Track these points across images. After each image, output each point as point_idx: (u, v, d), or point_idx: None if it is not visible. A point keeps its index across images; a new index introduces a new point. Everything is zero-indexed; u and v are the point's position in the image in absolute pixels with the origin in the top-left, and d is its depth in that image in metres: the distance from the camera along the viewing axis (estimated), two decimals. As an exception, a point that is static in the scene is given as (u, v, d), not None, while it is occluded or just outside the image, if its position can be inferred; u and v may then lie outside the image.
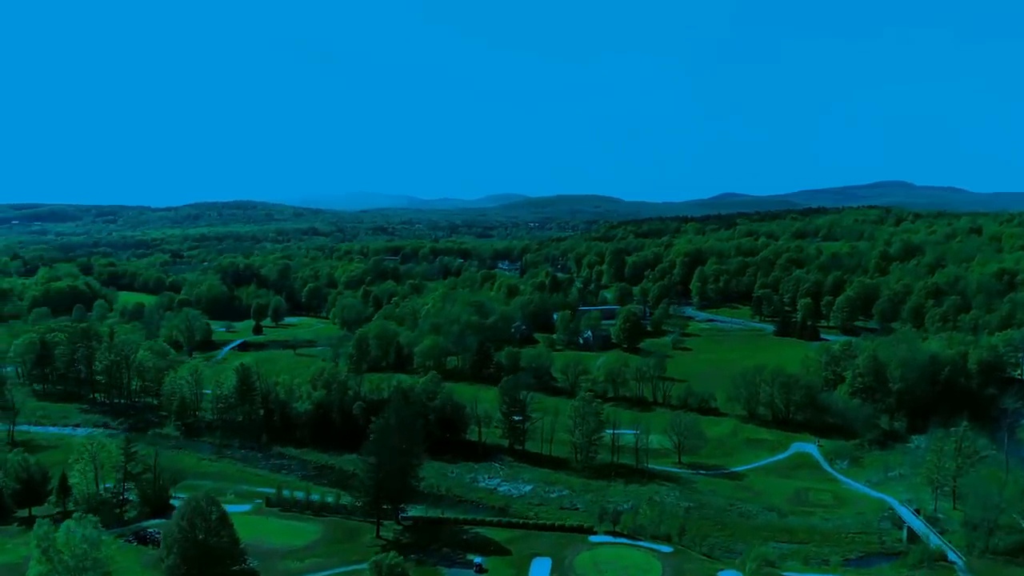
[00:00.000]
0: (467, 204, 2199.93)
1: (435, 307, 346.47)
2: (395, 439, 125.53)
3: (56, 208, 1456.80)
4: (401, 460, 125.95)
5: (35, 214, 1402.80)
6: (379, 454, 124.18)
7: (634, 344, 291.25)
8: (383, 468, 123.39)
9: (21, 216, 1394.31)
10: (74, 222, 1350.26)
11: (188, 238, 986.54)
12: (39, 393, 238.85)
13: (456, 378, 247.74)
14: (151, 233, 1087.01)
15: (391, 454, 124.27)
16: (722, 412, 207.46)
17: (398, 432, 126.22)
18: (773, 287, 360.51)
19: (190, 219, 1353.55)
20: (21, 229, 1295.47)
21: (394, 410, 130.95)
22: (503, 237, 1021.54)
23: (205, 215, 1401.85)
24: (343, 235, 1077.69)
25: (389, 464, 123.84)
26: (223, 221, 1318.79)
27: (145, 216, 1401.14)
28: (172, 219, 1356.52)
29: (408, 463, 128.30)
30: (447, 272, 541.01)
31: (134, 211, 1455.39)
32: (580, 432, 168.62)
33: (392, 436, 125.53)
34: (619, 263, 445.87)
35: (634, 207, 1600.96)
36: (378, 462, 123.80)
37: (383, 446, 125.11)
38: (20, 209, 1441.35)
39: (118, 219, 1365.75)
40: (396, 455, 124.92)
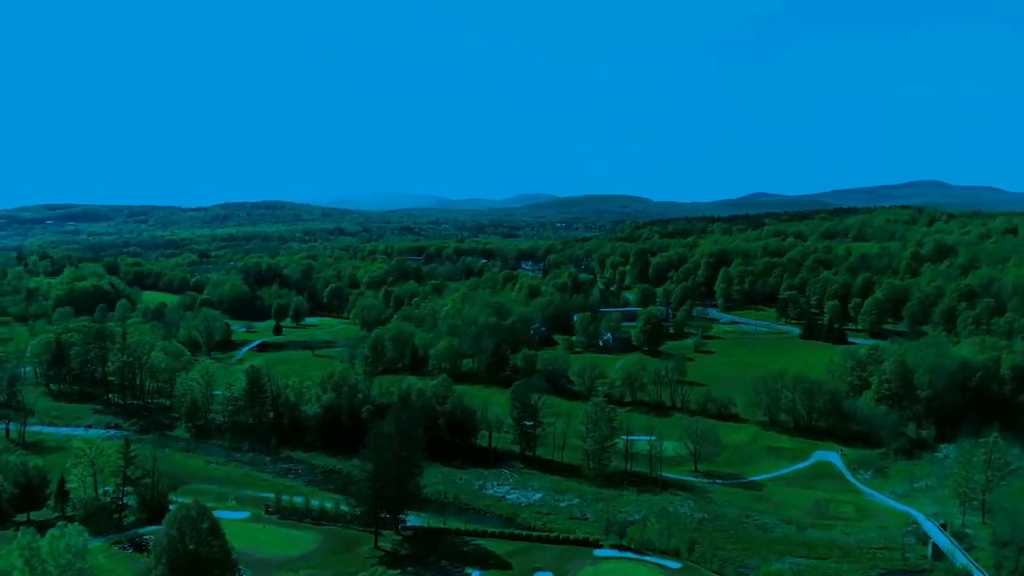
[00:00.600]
0: (495, 204, 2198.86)
1: (454, 308, 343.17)
2: (394, 446, 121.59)
3: (89, 208, 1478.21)
4: (400, 468, 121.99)
5: (68, 214, 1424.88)
6: (377, 462, 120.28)
7: (655, 347, 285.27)
8: (381, 477, 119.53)
9: (55, 216, 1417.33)
10: (106, 222, 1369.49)
11: (216, 238, 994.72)
12: (55, 393, 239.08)
13: (472, 381, 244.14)
14: (180, 233, 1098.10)
15: (389, 462, 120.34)
16: (742, 418, 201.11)
17: (397, 439, 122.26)
18: (800, 289, 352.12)
19: (219, 219, 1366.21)
20: (55, 229, 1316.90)
21: (394, 416, 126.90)
22: (529, 237, 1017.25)
23: (234, 215, 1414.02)
24: (369, 235, 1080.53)
25: (387, 472, 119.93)
26: (252, 221, 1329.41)
27: (175, 216, 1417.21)
28: (202, 219, 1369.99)
29: (408, 471, 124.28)
30: (470, 272, 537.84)
31: (165, 211, 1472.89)
32: (592, 439, 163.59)
33: (391, 443, 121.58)
34: (643, 264, 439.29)
35: (662, 207, 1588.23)
36: (376, 470, 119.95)
37: (381, 453, 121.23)
38: (54, 209, 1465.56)
39: (149, 219, 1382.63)
40: (395, 463, 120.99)
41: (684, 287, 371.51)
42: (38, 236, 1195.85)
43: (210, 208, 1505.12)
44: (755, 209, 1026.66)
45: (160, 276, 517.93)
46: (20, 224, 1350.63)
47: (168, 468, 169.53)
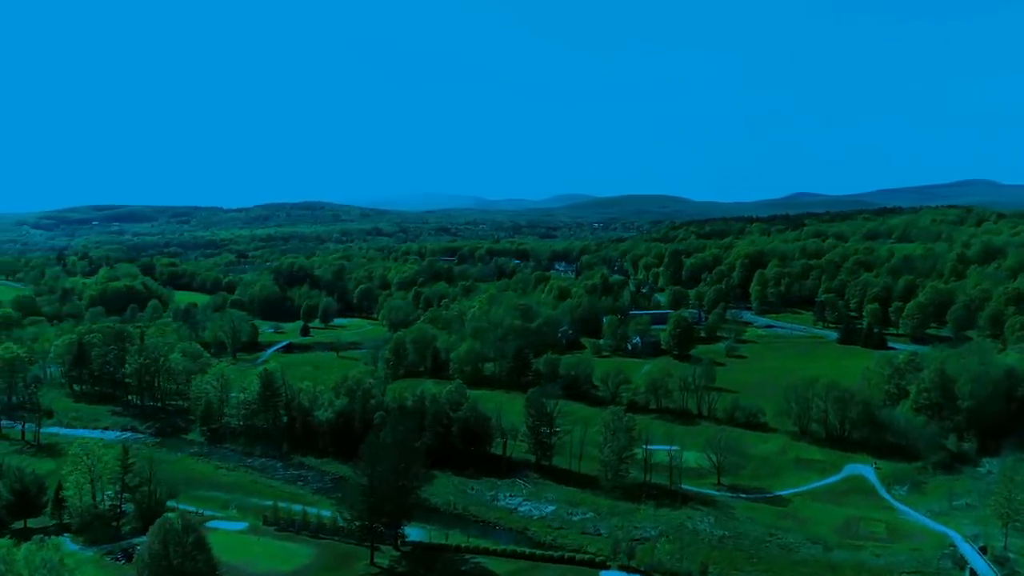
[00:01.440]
0: (533, 204, 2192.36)
1: (481, 310, 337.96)
2: (390, 458, 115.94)
3: (134, 209, 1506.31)
4: (398, 481, 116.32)
5: (114, 215, 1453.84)
6: (372, 474, 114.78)
7: (685, 351, 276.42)
8: (376, 490, 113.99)
9: (101, 217, 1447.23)
10: (150, 223, 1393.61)
11: (255, 238, 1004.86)
12: (77, 394, 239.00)
13: (493, 385, 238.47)
14: (220, 233, 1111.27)
15: (386, 474, 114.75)
16: (771, 427, 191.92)
17: (395, 450, 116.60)
18: (839, 291, 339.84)
19: (259, 220, 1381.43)
20: (101, 229, 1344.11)
21: (391, 426, 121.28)
22: (566, 238, 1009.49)
23: (274, 216, 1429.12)
24: (406, 235, 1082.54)
25: (383, 486, 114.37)
26: (291, 222, 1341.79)
27: (217, 217, 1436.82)
28: (242, 220, 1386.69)
29: (406, 484, 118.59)
30: (501, 273, 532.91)
31: (207, 212, 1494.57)
32: (609, 449, 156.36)
33: (387, 455, 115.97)
34: (676, 265, 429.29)
35: (702, 207, 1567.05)
36: (371, 483, 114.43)
37: (377, 465, 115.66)
38: (100, 210, 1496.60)
39: (192, 220, 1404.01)
40: (392, 475, 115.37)
41: (717, 289, 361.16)
42: (84, 236, 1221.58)
43: (251, 209, 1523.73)
44: (797, 209, 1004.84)
45: (193, 276, 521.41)
46: (67, 224, 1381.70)
47: (176, 474, 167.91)
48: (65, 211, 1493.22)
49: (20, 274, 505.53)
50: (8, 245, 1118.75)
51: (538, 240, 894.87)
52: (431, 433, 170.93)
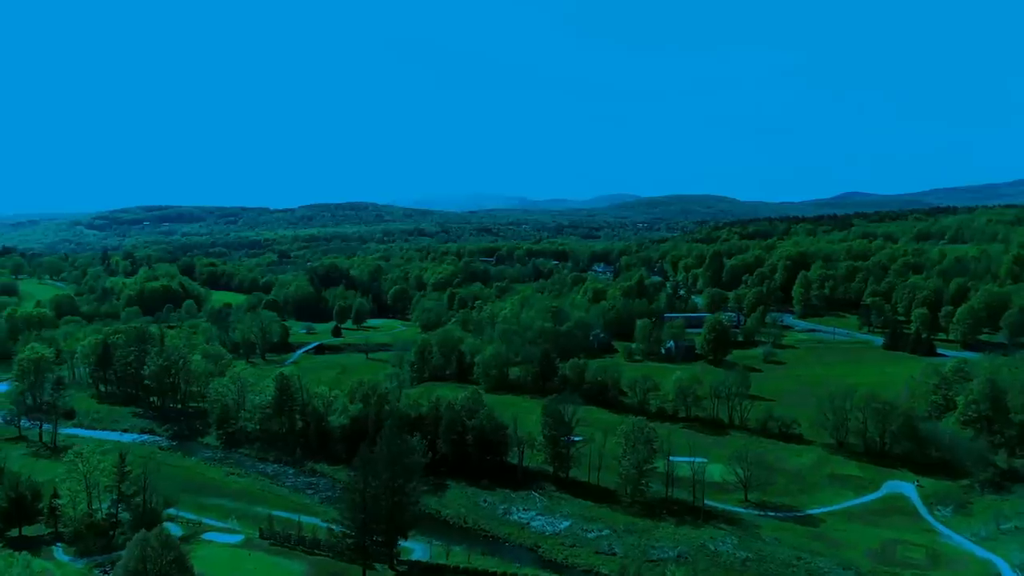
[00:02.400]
0: (577, 204, 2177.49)
1: (512, 312, 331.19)
2: (385, 472, 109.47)
3: (184, 210, 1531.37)
4: (391, 498, 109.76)
5: (164, 215, 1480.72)
6: (364, 490, 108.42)
7: (721, 356, 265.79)
8: (369, 507, 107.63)
9: (152, 217, 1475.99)
10: (199, 223, 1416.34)
11: (298, 238, 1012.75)
12: (102, 395, 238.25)
13: (518, 390, 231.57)
14: (265, 234, 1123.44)
15: (378, 492, 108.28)
16: (806, 439, 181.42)
17: (389, 464, 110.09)
18: (886, 295, 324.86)
19: (305, 220, 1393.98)
20: (152, 229, 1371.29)
21: (386, 438, 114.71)
22: (609, 238, 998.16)
23: (319, 216, 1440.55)
24: (448, 236, 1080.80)
25: (375, 503, 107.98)
26: (336, 222, 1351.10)
27: (264, 217, 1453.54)
28: (288, 220, 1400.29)
29: (401, 501, 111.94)
30: (539, 274, 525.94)
31: (254, 212, 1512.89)
32: (629, 461, 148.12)
33: (381, 469, 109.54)
34: (716, 266, 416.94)
35: (750, 207, 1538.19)
36: (363, 500, 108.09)
37: (370, 481, 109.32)
38: (152, 211, 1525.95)
39: (239, 220, 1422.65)
40: (386, 493, 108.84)
41: (757, 292, 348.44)
42: (136, 236, 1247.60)
43: (297, 209, 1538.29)
44: (848, 210, 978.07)
45: (232, 277, 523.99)
46: (120, 225, 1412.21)
47: (186, 479, 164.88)
48: (118, 212, 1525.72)
49: (64, 273, 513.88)
50: (63, 244, 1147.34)
51: (579, 241, 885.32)
52: (445, 441, 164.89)
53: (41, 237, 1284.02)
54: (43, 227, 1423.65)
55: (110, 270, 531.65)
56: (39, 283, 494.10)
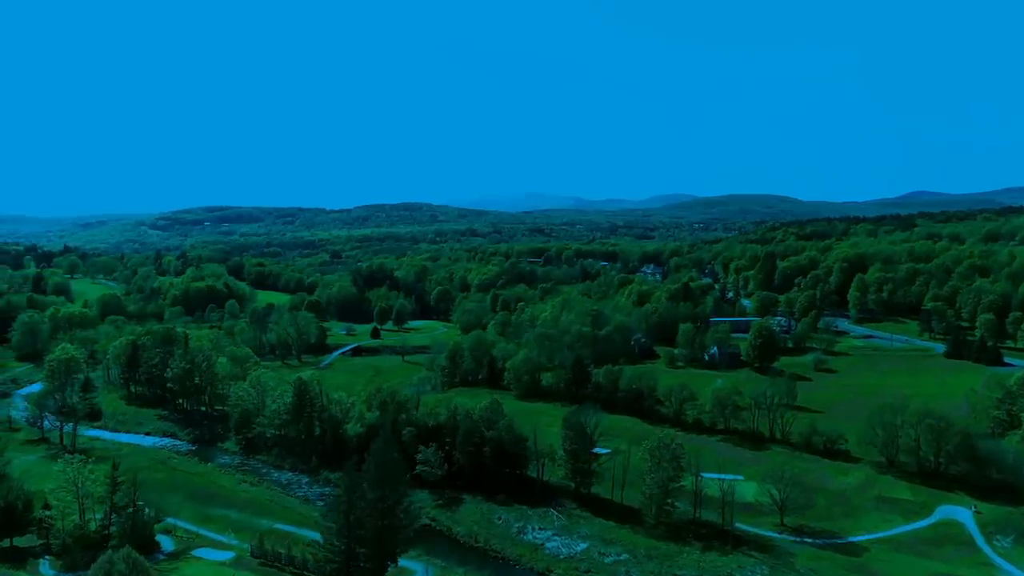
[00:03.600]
0: (633, 205, 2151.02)
1: (552, 315, 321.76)
2: (370, 492, 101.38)
3: (244, 210, 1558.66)
4: (379, 520, 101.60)
5: (224, 216, 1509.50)
6: (348, 512, 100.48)
7: (767, 363, 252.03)
8: (352, 531, 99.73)
9: (212, 218, 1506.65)
10: (257, 223, 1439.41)
11: (352, 239, 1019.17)
12: (131, 397, 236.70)
13: (550, 398, 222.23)
14: (320, 234, 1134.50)
15: (365, 514, 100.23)
16: (853, 457, 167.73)
17: (377, 483, 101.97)
18: (949, 299, 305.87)
19: (360, 220, 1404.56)
20: (212, 230, 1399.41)
21: (374, 454, 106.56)
22: (663, 239, 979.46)
23: (374, 216, 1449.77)
24: (500, 236, 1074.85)
25: (359, 526, 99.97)
26: (390, 222, 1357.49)
27: (320, 218, 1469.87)
28: (343, 220, 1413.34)
29: (391, 523, 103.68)
30: (586, 276, 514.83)
31: (311, 213, 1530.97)
32: (653, 479, 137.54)
33: (366, 489, 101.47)
34: (769, 268, 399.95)
35: (811, 207, 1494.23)
36: (347, 523, 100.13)
37: (353, 501, 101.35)
38: (212, 211, 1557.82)
39: (296, 221, 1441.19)
40: (374, 514, 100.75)
41: (809, 295, 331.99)
42: (196, 236, 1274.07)
43: (352, 210, 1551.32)
44: (913, 209, 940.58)
45: (279, 277, 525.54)
46: (182, 225, 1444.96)
47: (196, 487, 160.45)
48: (180, 212, 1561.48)
49: (115, 273, 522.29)
50: (128, 244, 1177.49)
51: (632, 241, 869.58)
52: (462, 452, 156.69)
53: (107, 237, 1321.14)
54: (110, 227, 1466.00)
55: (161, 270, 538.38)
56: (92, 282, 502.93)
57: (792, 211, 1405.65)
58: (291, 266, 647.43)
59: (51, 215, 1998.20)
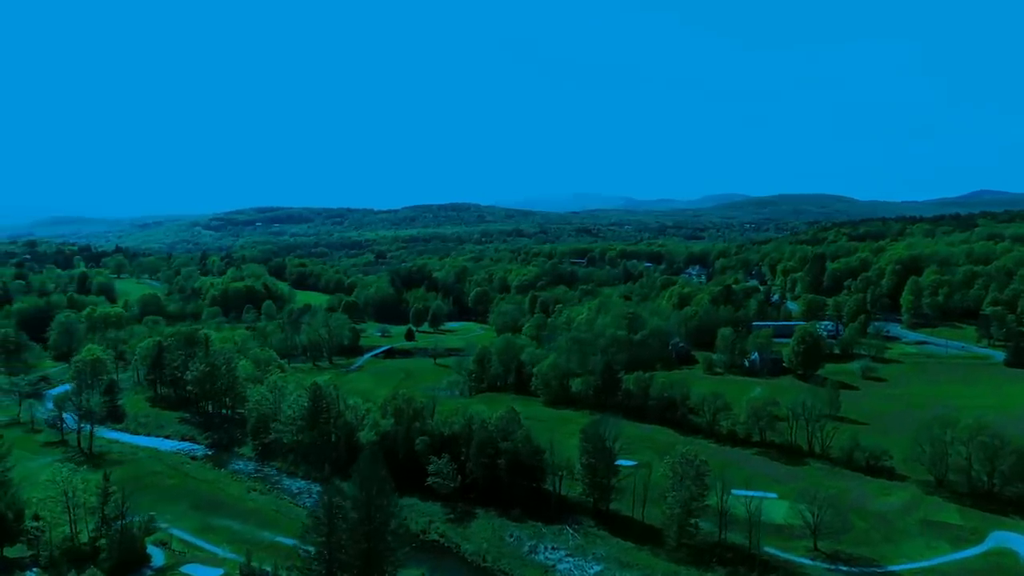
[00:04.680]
0: (684, 205, 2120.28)
1: (589, 317, 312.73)
2: (354, 513, 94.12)
3: (294, 211, 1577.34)
4: (364, 545, 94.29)
5: (275, 217, 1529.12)
6: (329, 536, 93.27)
7: (811, 370, 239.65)
8: (332, 556, 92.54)
9: (264, 219, 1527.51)
10: (307, 224, 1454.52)
11: (398, 239, 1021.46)
12: (155, 399, 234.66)
13: (578, 405, 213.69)
14: (366, 234, 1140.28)
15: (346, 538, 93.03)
16: (898, 475, 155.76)
17: (362, 504, 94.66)
18: (1010, 303, 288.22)
19: (407, 221, 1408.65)
20: (263, 230, 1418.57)
21: (358, 471, 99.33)
22: (712, 239, 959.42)
23: (421, 217, 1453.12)
24: (546, 236, 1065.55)
25: (341, 551, 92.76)
26: (437, 223, 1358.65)
27: (368, 218, 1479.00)
28: (391, 221, 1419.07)
29: (376, 548, 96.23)
30: (629, 277, 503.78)
31: (360, 213, 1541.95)
32: (675, 497, 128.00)
33: (351, 509, 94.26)
34: (817, 270, 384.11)
35: (868, 207, 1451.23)
36: (328, 550, 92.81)
37: (335, 524, 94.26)
38: (264, 212, 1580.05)
39: (344, 221, 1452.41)
40: (356, 538, 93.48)
41: (858, 299, 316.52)
42: (248, 236, 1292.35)
43: (400, 210, 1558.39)
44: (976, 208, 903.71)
45: (319, 277, 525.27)
46: (234, 226, 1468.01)
47: (203, 494, 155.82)
48: (233, 213, 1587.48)
49: (160, 273, 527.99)
50: (181, 244, 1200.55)
51: (679, 242, 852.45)
52: (476, 464, 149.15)
53: (162, 237, 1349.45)
54: (165, 228, 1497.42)
55: (205, 270, 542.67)
56: (137, 282, 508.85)
57: (847, 211, 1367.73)
58: (334, 266, 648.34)
59: (112, 216, 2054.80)
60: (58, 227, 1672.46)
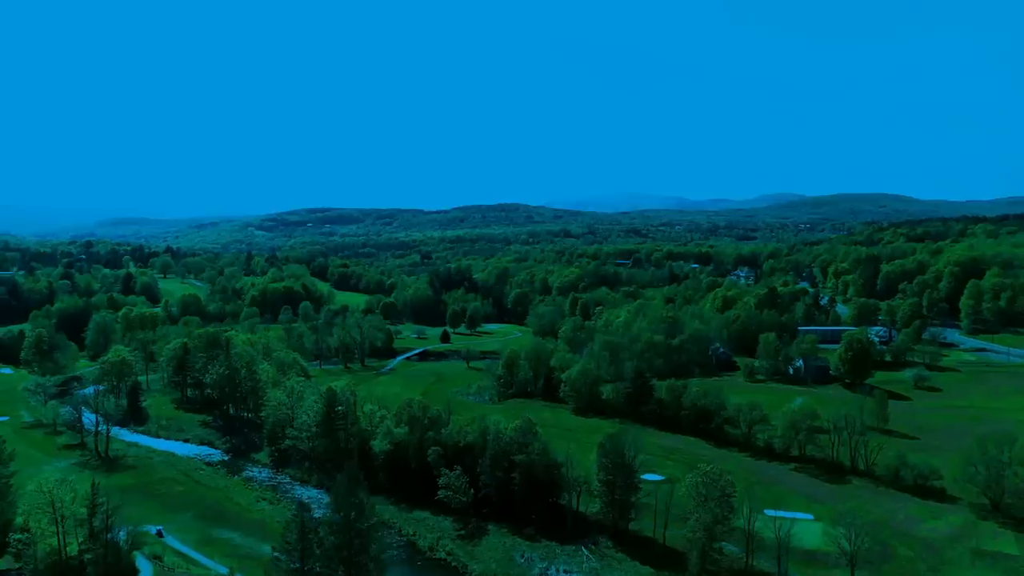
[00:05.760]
0: (737, 205, 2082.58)
1: (626, 320, 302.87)
2: (330, 539, 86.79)
3: (344, 212, 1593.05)
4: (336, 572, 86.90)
5: (326, 217, 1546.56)
6: (303, 560, 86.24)
7: (860, 378, 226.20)
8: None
9: (315, 219, 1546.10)
10: (357, 224, 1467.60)
11: (444, 240, 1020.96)
12: (180, 401, 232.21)
13: (608, 414, 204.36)
14: (414, 235, 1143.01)
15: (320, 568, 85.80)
16: (949, 496, 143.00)
17: (342, 527, 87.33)
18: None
19: (456, 221, 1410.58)
20: (314, 231, 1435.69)
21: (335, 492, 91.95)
22: (765, 240, 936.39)
23: (470, 217, 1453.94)
24: (594, 237, 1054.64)
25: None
26: (485, 223, 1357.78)
27: (417, 219, 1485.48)
28: (440, 222, 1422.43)
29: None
30: (674, 278, 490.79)
31: (409, 214, 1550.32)
32: (698, 520, 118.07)
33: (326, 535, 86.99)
34: (870, 273, 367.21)
35: (929, 207, 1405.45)
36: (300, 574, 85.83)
37: (308, 549, 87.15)
38: (315, 213, 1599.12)
39: (394, 222, 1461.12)
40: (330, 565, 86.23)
41: (914, 303, 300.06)
42: (299, 237, 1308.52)
43: (449, 211, 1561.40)
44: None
45: (360, 278, 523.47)
46: (286, 226, 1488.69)
47: (210, 504, 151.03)
48: (285, 214, 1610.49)
49: (204, 273, 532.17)
50: (235, 245, 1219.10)
51: (730, 243, 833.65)
52: (489, 477, 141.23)
53: (217, 238, 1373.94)
54: (219, 229, 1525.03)
55: (249, 270, 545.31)
56: (181, 282, 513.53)
57: (907, 211, 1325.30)
58: (379, 267, 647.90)
59: (171, 216, 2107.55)
60: (119, 227, 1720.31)
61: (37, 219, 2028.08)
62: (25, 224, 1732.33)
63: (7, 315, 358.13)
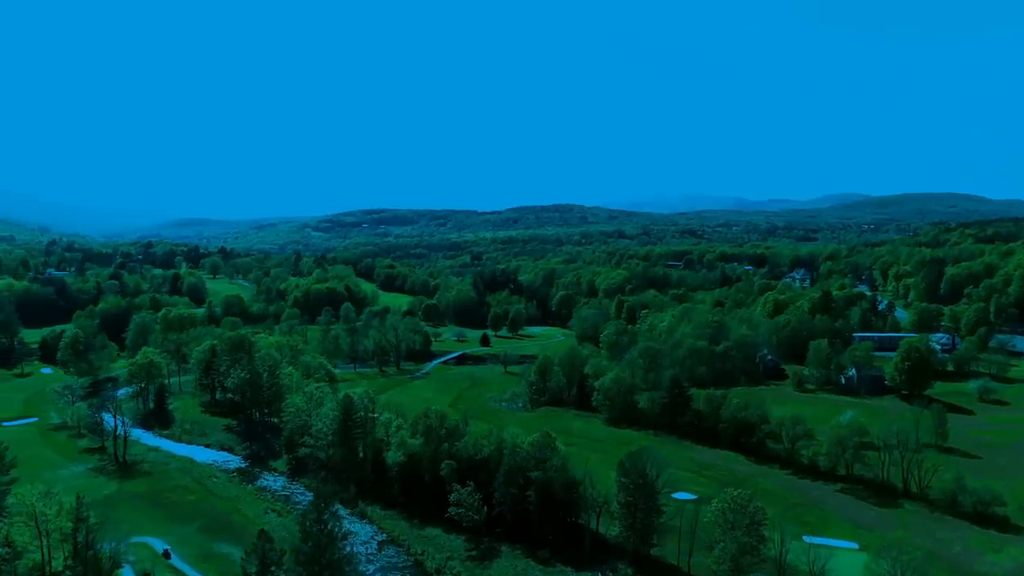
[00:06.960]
0: (799, 205, 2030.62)
1: (669, 324, 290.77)
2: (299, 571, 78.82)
3: (399, 213, 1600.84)
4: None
5: (381, 218, 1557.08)
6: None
7: (919, 389, 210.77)
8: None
9: (370, 220, 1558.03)
10: (411, 225, 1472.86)
11: (496, 240, 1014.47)
12: (208, 404, 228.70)
13: (643, 424, 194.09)
14: (466, 235, 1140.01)
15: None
16: (1013, 525, 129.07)
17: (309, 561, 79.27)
18: None
19: (509, 222, 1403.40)
20: (369, 232, 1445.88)
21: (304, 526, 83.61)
22: (827, 241, 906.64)
23: (524, 218, 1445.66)
24: (648, 238, 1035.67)
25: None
26: (539, 224, 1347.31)
27: (471, 219, 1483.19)
28: (493, 222, 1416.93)
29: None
30: (726, 281, 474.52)
31: (462, 215, 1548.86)
32: (724, 549, 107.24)
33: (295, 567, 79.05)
34: (933, 276, 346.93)
35: (1002, 207, 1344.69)
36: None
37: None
38: (370, 214, 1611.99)
39: (448, 223, 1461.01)
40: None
41: (980, 308, 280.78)
42: (354, 238, 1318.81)
43: (503, 212, 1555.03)
44: None
45: (406, 279, 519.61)
46: (341, 227, 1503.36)
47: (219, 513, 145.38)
48: (341, 215, 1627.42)
49: (251, 274, 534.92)
50: (292, 245, 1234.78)
51: (788, 244, 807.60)
52: (503, 495, 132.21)
53: (275, 239, 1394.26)
54: (278, 229, 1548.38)
55: (297, 271, 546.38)
56: (229, 283, 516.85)
57: (978, 210, 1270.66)
58: (429, 267, 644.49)
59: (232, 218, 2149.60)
60: (184, 228, 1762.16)
61: (108, 220, 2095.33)
62: (96, 225, 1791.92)
63: (55, 315, 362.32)
